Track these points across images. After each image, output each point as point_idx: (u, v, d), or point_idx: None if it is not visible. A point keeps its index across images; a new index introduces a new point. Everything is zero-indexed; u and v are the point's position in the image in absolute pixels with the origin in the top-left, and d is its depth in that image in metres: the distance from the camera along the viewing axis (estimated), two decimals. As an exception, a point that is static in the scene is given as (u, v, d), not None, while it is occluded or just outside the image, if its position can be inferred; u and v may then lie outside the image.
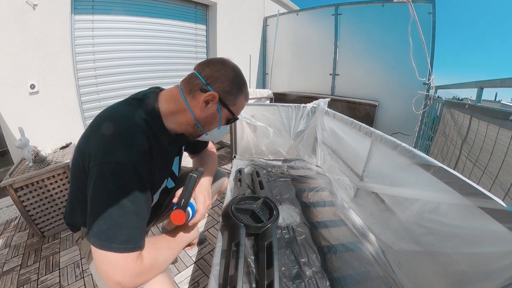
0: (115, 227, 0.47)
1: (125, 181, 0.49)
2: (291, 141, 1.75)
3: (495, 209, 0.53)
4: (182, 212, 0.61)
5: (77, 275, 1.17)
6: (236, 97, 0.67)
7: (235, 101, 0.67)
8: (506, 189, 1.09)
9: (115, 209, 0.47)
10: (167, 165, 0.72)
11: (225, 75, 0.64)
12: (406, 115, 2.55)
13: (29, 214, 1.37)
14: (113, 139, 0.51)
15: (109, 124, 0.53)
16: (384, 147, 0.97)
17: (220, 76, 0.64)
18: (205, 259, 1.27)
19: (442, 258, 0.67)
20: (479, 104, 1.53)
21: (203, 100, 0.62)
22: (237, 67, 0.69)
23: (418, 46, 2.14)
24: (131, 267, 0.47)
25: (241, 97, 0.68)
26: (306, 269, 0.78)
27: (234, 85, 0.65)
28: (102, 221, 0.46)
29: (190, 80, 0.64)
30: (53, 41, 1.69)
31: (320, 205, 1.16)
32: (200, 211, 0.68)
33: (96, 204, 0.48)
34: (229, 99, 0.65)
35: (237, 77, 0.67)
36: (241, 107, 0.72)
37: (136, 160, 0.51)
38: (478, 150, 1.37)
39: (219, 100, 0.64)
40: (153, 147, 0.58)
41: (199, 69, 0.65)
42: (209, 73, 0.63)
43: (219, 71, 0.64)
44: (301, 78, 3.60)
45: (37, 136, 1.66)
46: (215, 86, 0.63)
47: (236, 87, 0.66)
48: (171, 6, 2.60)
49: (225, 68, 0.65)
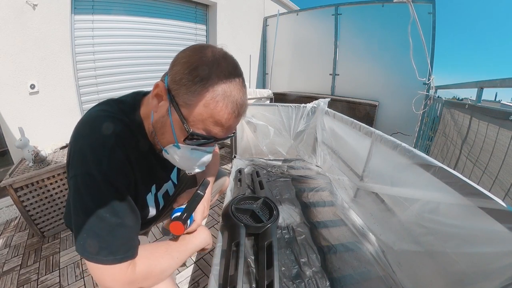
0: (97, 240, 0.44)
1: (99, 192, 0.45)
2: (291, 141, 1.75)
3: (495, 209, 0.53)
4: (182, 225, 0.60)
5: (77, 275, 1.17)
6: (191, 91, 0.44)
7: (188, 98, 0.44)
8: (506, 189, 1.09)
9: (94, 222, 0.44)
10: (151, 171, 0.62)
11: (183, 56, 0.46)
12: (406, 115, 2.55)
13: (29, 214, 1.37)
14: (84, 148, 0.46)
15: (82, 131, 0.49)
16: (384, 147, 0.97)
17: (178, 59, 0.46)
18: (205, 259, 1.27)
19: (442, 258, 0.67)
20: (479, 104, 1.53)
21: (152, 95, 0.48)
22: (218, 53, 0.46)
23: (418, 46, 2.14)
24: (120, 276, 0.46)
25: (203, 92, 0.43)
26: (306, 269, 0.78)
27: (190, 71, 0.44)
28: (85, 234, 0.45)
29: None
30: (53, 41, 1.69)
31: (320, 205, 1.16)
32: (197, 221, 0.66)
33: (77, 217, 0.45)
34: (179, 93, 0.45)
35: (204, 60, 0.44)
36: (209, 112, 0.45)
37: (107, 170, 0.45)
38: (478, 150, 1.38)
39: (169, 95, 0.46)
40: (131, 153, 0.51)
41: None
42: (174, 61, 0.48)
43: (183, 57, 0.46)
44: (301, 78, 3.60)
45: (37, 136, 1.66)
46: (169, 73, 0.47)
47: (193, 74, 0.43)
48: (171, 6, 2.60)
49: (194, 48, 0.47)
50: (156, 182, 0.68)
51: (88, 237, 0.45)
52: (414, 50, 2.04)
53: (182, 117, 0.45)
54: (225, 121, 0.46)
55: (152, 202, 0.67)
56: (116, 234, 0.46)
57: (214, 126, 0.46)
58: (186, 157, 0.52)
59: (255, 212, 0.92)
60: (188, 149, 0.51)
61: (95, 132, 0.47)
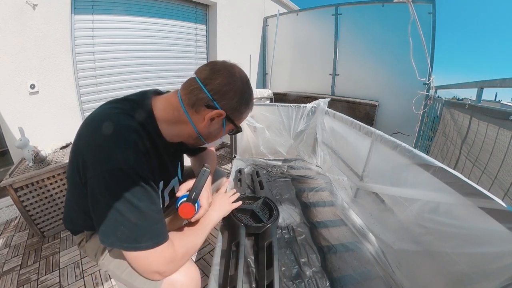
0: (137, 230, 0.48)
1: (133, 185, 0.48)
2: (291, 141, 1.75)
3: (495, 209, 0.53)
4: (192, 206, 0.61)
5: (77, 275, 1.17)
6: (243, 112, 0.63)
7: (241, 116, 0.64)
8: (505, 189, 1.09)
9: (131, 213, 0.47)
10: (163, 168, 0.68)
11: (233, 90, 0.58)
12: (406, 115, 2.55)
13: (29, 214, 1.37)
14: (107, 145, 0.48)
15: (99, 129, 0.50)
16: (384, 147, 0.97)
17: (228, 91, 0.57)
18: (205, 259, 1.27)
19: (442, 258, 0.67)
20: (479, 104, 1.53)
21: (209, 117, 0.58)
22: (244, 76, 0.62)
23: (418, 46, 2.14)
24: (164, 256, 0.51)
25: (247, 111, 0.65)
26: (306, 269, 0.78)
27: (243, 101, 0.61)
28: (122, 227, 0.47)
29: (192, 92, 0.57)
30: (53, 41, 1.69)
31: (320, 205, 1.17)
32: (204, 206, 0.69)
33: (110, 212, 0.47)
34: (235, 115, 0.62)
35: (246, 91, 0.61)
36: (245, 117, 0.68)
37: (134, 162, 0.49)
38: (478, 150, 1.38)
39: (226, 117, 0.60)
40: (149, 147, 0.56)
41: (205, 80, 0.57)
42: (217, 88, 0.56)
43: (227, 85, 0.57)
44: (301, 78, 3.60)
45: (37, 136, 1.66)
46: (222, 103, 0.57)
47: (245, 102, 0.62)
48: (171, 6, 2.59)
49: (234, 81, 0.58)
50: (164, 179, 0.71)
51: (126, 228, 0.48)
52: (414, 50, 2.04)
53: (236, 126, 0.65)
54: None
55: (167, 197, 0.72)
56: (151, 220, 0.50)
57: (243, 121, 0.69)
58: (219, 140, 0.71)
59: (255, 212, 0.92)
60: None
61: (116, 129, 0.50)
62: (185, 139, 0.66)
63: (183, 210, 0.60)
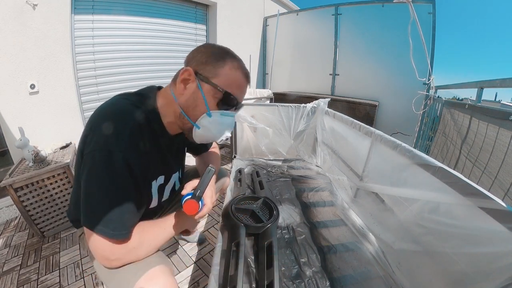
0: (106, 213, 0.49)
1: (115, 169, 0.50)
2: (291, 141, 1.75)
3: (495, 209, 0.53)
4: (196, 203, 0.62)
5: (77, 275, 1.17)
6: (217, 66, 0.57)
7: (216, 71, 0.57)
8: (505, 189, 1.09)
9: (106, 196, 0.49)
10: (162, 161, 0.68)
11: (202, 51, 0.59)
12: (406, 115, 2.55)
13: (29, 214, 1.37)
14: (107, 128, 0.51)
15: (105, 113, 0.54)
16: (384, 147, 0.97)
17: (197, 54, 0.59)
18: (205, 259, 1.27)
19: (442, 258, 0.67)
20: (479, 104, 1.53)
21: (180, 81, 0.58)
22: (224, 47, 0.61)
23: (418, 46, 2.14)
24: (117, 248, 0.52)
25: (225, 66, 0.58)
26: (306, 269, 0.78)
27: (212, 56, 0.58)
28: (94, 205, 0.49)
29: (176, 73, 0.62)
30: (53, 41, 1.69)
31: (320, 205, 1.16)
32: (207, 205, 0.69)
33: (89, 190, 0.50)
34: (207, 70, 0.57)
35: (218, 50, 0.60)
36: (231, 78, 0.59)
37: (126, 148, 0.51)
38: (478, 150, 1.38)
39: (196, 75, 0.57)
40: (147, 137, 0.57)
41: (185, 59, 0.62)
42: (189, 56, 0.61)
43: (197, 50, 0.60)
44: (301, 78, 3.60)
45: (37, 136, 1.66)
46: (190, 64, 0.59)
47: (215, 57, 0.58)
48: (171, 6, 2.60)
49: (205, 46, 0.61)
50: (165, 173, 0.71)
51: (97, 210, 0.49)
52: (414, 50, 2.04)
53: (214, 84, 0.57)
54: (243, 85, 0.61)
55: (156, 191, 0.70)
56: (122, 209, 0.51)
57: (236, 88, 0.59)
58: (217, 122, 0.60)
59: (255, 212, 0.92)
60: (218, 114, 0.60)
61: (118, 115, 0.53)
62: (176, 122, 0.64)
63: (188, 207, 0.61)
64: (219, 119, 0.60)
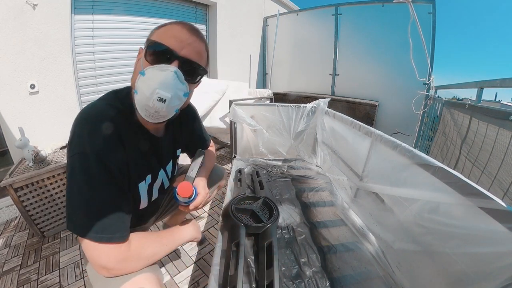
0: (89, 217, 0.48)
1: (91, 171, 0.49)
2: (291, 141, 1.75)
3: (495, 209, 0.53)
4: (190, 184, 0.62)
5: (77, 275, 1.17)
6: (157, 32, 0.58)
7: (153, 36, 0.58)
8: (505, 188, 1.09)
9: (86, 199, 0.48)
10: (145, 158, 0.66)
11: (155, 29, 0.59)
12: (406, 115, 2.54)
13: (29, 214, 1.37)
14: (82, 131, 0.51)
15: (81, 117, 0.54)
16: (384, 147, 0.97)
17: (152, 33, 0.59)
18: (205, 259, 1.27)
19: (442, 258, 0.67)
20: (479, 104, 1.53)
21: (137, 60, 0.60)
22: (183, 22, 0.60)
23: (418, 46, 2.14)
24: (114, 254, 0.50)
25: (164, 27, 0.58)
26: (306, 269, 0.78)
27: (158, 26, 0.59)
28: (78, 211, 0.49)
29: None
30: (53, 41, 1.69)
31: (320, 205, 1.17)
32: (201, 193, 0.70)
33: (70, 195, 0.49)
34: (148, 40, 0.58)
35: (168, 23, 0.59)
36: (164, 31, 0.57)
37: (100, 149, 0.50)
38: (478, 150, 1.38)
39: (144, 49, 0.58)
40: (124, 136, 0.56)
41: None
42: None
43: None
44: (301, 78, 3.60)
45: (37, 136, 1.66)
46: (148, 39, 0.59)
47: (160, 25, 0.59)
48: (171, 6, 2.59)
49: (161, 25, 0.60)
50: (151, 172, 0.70)
51: (82, 215, 0.48)
52: (414, 50, 2.04)
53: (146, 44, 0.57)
54: (178, 33, 0.56)
55: (144, 192, 0.69)
56: (108, 213, 0.50)
57: (169, 38, 0.55)
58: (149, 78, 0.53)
59: (255, 212, 0.92)
60: (150, 70, 0.53)
61: (92, 117, 0.54)
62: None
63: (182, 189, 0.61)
64: (151, 74, 0.53)
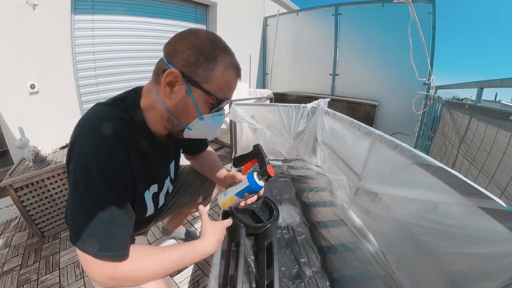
0: (89, 233, 0.46)
1: (95, 187, 0.47)
2: (291, 141, 1.75)
3: (495, 209, 0.53)
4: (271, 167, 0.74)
5: (77, 275, 1.17)
6: (208, 69, 0.51)
7: (208, 76, 0.51)
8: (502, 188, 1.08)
9: (87, 216, 0.47)
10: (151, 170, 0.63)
11: (185, 43, 0.50)
12: (406, 115, 2.55)
13: (29, 214, 1.37)
14: (86, 144, 0.48)
15: (84, 128, 0.51)
16: (384, 147, 0.97)
17: (181, 47, 0.50)
18: (205, 259, 1.27)
19: (442, 258, 0.67)
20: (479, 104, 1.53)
21: (165, 84, 0.51)
22: (208, 33, 0.53)
23: (418, 46, 2.14)
24: (102, 271, 0.48)
25: (217, 67, 0.51)
26: (306, 269, 0.78)
27: (201, 54, 0.50)
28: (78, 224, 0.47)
29: (157, 65, 0.55)
30: (53, 41, 1.68)
31: (320, 205, 1.17)
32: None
33: (73, 209, 0.48)
34: (197, 74, 0.51)
35: (206, 43, 0.51)
36: (224, 81, 0.54)
37: (105, 167, 0.47)
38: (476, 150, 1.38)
39: (184, 78, 0.51)
40: (130, 149, 0.53)
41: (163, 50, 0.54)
42: (170, 48, 0.52)
43: (180, 41, 0.51)
44: (301, 78, 3.60)
45: (37, 136, 1.66)
46: (175, 61, 0.51)
47: (205, 57, 0.50)
48: (171, 6, 2.59)
49: (190, 36, 0.51)
50: (157, 181, 0.69)
51: (80, 228, 0.47)
52: (414, 50, 2.04)
53: (206, 91, 0.52)
54: (234, 84, 0.57)
55: (150, 200, 0.68)
56: (107, 231, 0.48)
57: (228, 90, 0.56)
58: (209, 124, 0.59)
59: (255, 212, 0.92)
60: (210, 117, 0.57)
61: (97, 130, 0.49)
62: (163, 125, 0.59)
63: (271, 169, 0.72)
64: (211, 121, 0.58)
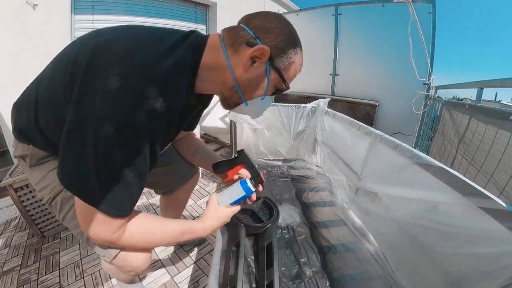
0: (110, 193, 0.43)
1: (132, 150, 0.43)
2: (291, 141, 1.75)
3: (495, 209, 0.53)
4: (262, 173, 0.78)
5: (77, 275, 1.17)
6: (290, 59, 0.53)
7: (289, 64, 0.54)
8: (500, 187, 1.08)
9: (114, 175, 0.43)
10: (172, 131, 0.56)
11: (279, 28, 0.51)
12: (406, 115, 2.54)
13: (29, 214, 1.37)
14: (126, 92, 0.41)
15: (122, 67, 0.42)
16: (384, 147, 0.97)
17: (274, 29, 0.50)
18: (205, 259, 1.27)
19: (442, 258, 0.67)
20: (479, 104, 1.53)
21: (249, 57, 0.48)
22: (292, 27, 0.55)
23: (418, 46, 2.14)
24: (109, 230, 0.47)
25: (296, 58, 0.54)
26: (306, 269, 0.78)
27: (290, 42, 0.52)
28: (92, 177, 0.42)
29: (233, 30, 0.52)
30: (53, 41, 1.69)
31: (320, 205, 1.17)
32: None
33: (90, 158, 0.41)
34: (282, 59, 0.52)
35: (293, 34, 0.54)
36: (294, 74, 0.57)
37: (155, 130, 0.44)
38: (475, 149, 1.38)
39: (270, 60, 0.50)
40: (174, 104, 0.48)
41: (246, 21, 0.52)
42: (259, 24, 0.51)
43: (272, 22, 0.51)
44: (301, 78, 3.55)
45: (37, 136, 1.66)
46: (266, 40, 0.49)
47: (292, 45, 0.52)
48: (171, 6, 2.60)
49: (280, 20, 0.52)
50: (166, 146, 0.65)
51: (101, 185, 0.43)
52: (414, 50, 2.04)
53: (283, 78, 0.54)
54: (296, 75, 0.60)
55: None
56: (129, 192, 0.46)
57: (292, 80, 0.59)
58: (263, 105, 0.62)
59: (255, 212, 0.92)
60: (268, 99, 0.59)
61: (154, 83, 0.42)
62: (219, 90, 0.56)
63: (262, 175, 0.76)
64: (266, 102, 0.60)
